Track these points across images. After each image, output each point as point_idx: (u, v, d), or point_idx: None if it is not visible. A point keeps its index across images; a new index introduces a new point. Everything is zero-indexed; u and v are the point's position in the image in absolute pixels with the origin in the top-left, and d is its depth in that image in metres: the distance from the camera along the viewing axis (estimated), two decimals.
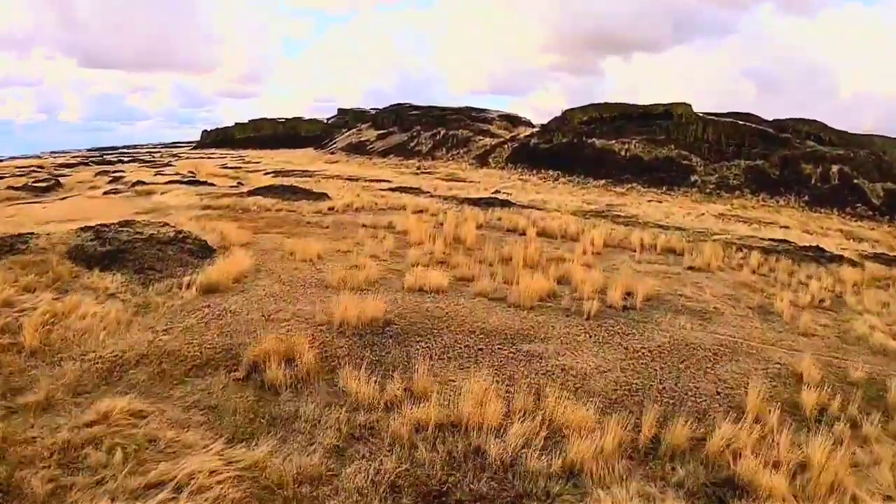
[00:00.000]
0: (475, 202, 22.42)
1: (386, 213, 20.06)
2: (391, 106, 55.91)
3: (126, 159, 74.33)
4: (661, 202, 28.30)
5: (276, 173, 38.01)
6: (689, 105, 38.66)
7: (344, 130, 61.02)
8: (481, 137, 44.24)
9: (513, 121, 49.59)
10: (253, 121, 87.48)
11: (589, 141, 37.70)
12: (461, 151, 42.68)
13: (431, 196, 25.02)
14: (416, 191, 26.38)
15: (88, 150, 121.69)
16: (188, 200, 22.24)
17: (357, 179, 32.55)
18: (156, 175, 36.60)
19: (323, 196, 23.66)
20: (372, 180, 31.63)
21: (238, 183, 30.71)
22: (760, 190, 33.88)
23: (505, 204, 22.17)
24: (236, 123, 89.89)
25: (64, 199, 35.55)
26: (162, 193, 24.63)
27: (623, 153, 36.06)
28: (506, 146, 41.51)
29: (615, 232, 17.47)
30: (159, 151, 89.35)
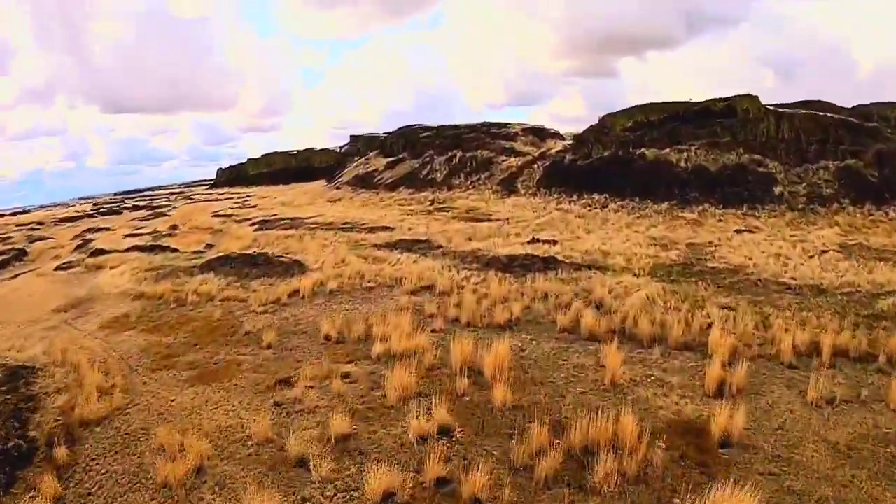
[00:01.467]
0: (505, 265, 15.99)
1: (372, 297, 14.00)
2: (400, 129, 50.04)
3: (140, 203, 72.39)
4: (752, 231, 21.39)
5: (263, 223, 32.56)
6: (756, 97, 31.65)
7: (356, 159, 55.40)
8: (505, 157, 37.84)
9: (539, 133, 43.07)
10: (266, 155, 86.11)
11: (637, 152, 30.95)
12: (482, 177, 36.33)
13: (444, 253, 18.71)
14: (424, 246, 20.11)
15: (115, 193, 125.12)
16: (127, 284, 18.58)
17: (353, 227, 26.53)
18: (126, 237, 31.71)
19: (294, 268, 17.68)
20: (371, 229, 25.55)
21: (207, 246, 25.38)
22: (861, 199, 26.55)
23: (549, 264, 15.70)
24: (249, 159, 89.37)
25: (15, 276, 30.67)
26: (112, 268, 22.04)
27: (683, 164, 29.20)
28: (535, 166, 35.00)
29: (743, 317, 10.88)
30: (175, 194, 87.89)
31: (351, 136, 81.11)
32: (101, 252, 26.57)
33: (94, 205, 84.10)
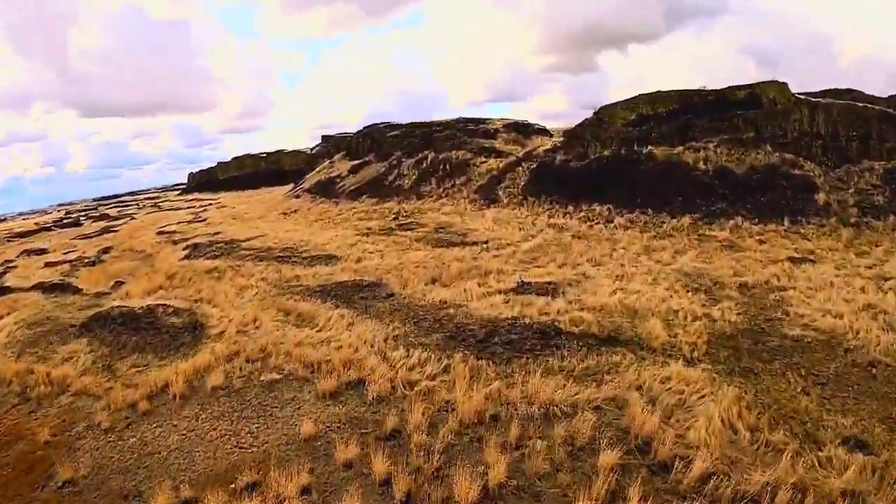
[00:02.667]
0: (481, 341, 10.54)
1: (268, 405, 9.81)
2: (366, 128, 44.25)
3: (111, 211, 68.72)
4: (811, 260, 16.15)
5: (195, 248, 27.11)
6: (785, 84, 26.49)
7: (326, 161, 49.60)
8: (484, 159, 32.35)
9: (523, 130, 37.63)
10: (236, 158, 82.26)
11: (644, 151, 25.66)
12: (458, 182, 30.81)
13: (394, 308, 13.21)
14: (369, 293, 14.53)
15: (94, 199, 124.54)
16: None
17: (291, 257, 20.95)
18: (44, 267, 27.36)
19: (185, 335, 12.21)
20: (312, 259, 20.02)
21: (115, 284, 21.31)
22: None
23: (548, 337, 10.29)
24: (219, 163, 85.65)
25: None
26: None
27: (702, 166, 23.96)
28: (520, 168, 29.56)
29: None
30: (151, 199, 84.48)
31: (322, 136, 75.00)
32: (5, 291, 21.33)
33: (66, 213, 79.02)
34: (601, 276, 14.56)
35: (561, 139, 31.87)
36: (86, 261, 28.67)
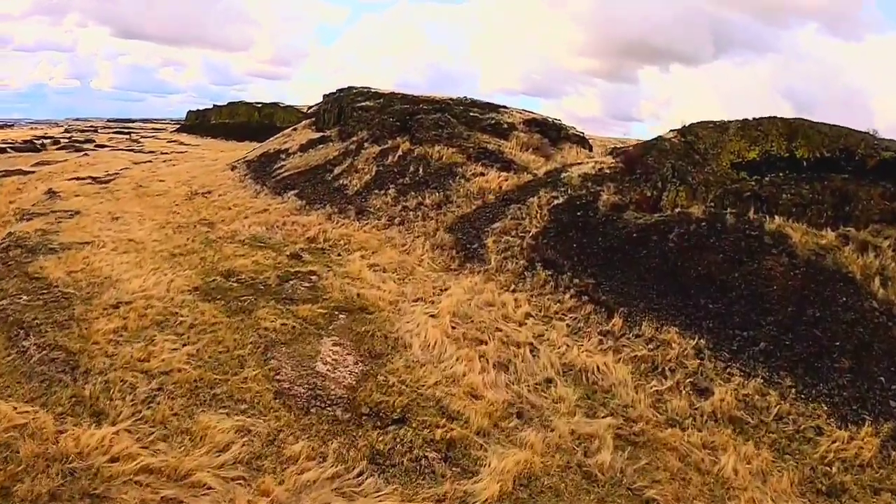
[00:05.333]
0: None
1: None
2: (336, 93, 31.90)
3: (100, 139, 65.46)
4: None
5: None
6: None
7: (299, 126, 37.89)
8: (482, 169, 20.25)
9: (550, 132, 25.45)
10: (231, 104, 77.22)
11: (768, 224, 13.52)
12: (428, 201, 18.78)
13: None
14: None
15: (109, 120, 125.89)
16: None
17: None
18: None
19: None
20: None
21: None
22: None
23: None
24: (214, 106, 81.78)
25: None
26: None
27: (877, 285, 11.83)
28: (535, 200, 17.39)
29: None
30: (144, 132, 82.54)
31: (324, 95, 64.44)
32: None
33: (66, 131, 77.37)
34: None
35: (610, 161, 19.57)
36: None
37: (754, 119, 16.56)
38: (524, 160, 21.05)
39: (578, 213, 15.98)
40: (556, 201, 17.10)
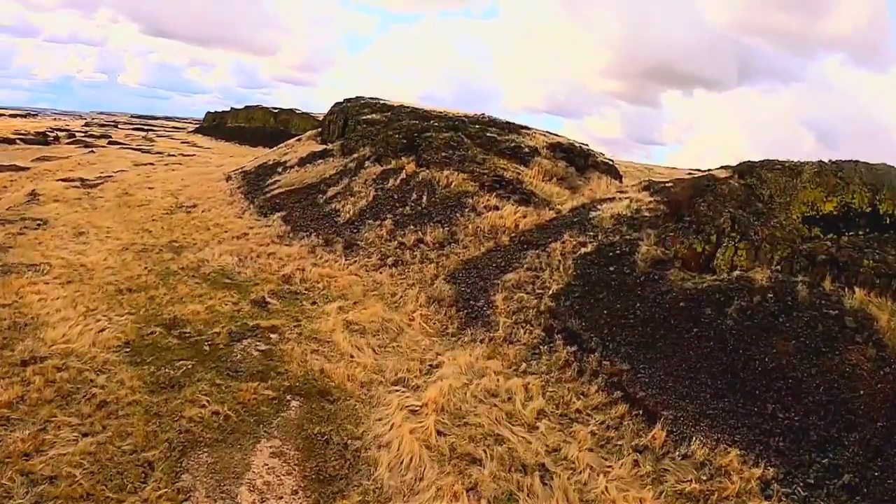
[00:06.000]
0: None
1: None
2: (343, 102, 29.23)
3: (115, 135, 64.27)
4: None
5: None
6: None
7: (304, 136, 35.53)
8: (496, 201, 17.35)
9: (577, 160, 22.53)
10: (248, 108, 76.16)
11: (850, 303, 10.49)
12: (430, 238, 15.90)
13: None
14: None
15: (132, 115, 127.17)
16: None
17: None
18: None
19: None
20: None
21: None
22: None
23: None
24: (231, 109, 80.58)
25: None
26: None
27: None
28: (556, 247, 14.39)
29: None
30: (163, 130, 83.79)
31: (344, 100, 62.35)
32: None
33: (86, 125, 78.72)
34: None
35: (648, 199, 16.48)
36: None
37: (832, 163, 13.49)
38: (546, 192, 18.12)
39: (611, 269, 12.97)
40: (583, 249, 14.09)
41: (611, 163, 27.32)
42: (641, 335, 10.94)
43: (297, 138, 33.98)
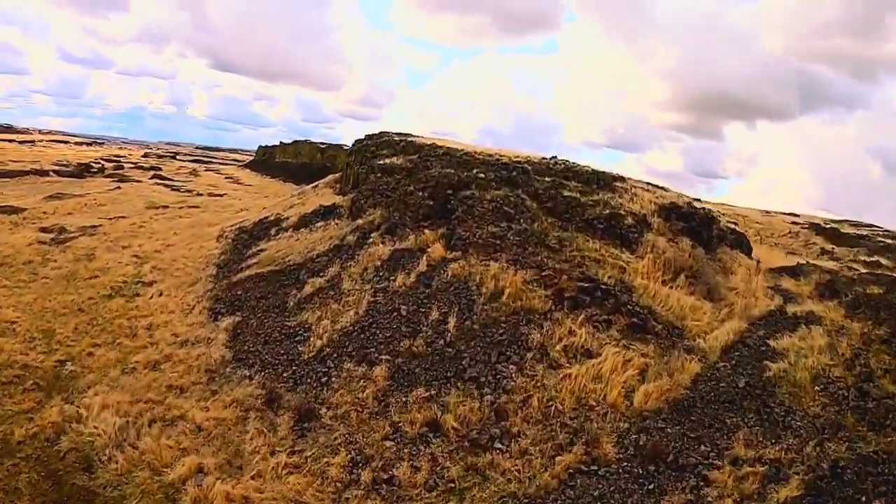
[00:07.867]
0: None
1: None
2: (364, 140, 22.00)
3: (162, 171, 61.48)
4: None
5: None
6: None
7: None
8: (586, 337, 9.21)
9: (699, 230, 14.09)
10: (296, 143, 76.91)
11: None
12: (452, 423, 7.98)
13: None
14: None
15: (198, 146, 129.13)
16: None
17: None
18: None
19: None
20: None
21: None
22: None
23: None
24: (280, 143, 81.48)
25: None
26: None
27: None
28: (720, 478, 6.11)
29: None
30: (219, 163, 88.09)
31: (366, 136, 57.07)
32: None
33: (144, 155, 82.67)
34: None
35: (844, 319, 8.04)
36: None
37: None
38: (674, 309, 10.02)
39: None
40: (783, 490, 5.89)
41: (734, 227, 19.04)
42: None
43: (314, 185, 27.17)
